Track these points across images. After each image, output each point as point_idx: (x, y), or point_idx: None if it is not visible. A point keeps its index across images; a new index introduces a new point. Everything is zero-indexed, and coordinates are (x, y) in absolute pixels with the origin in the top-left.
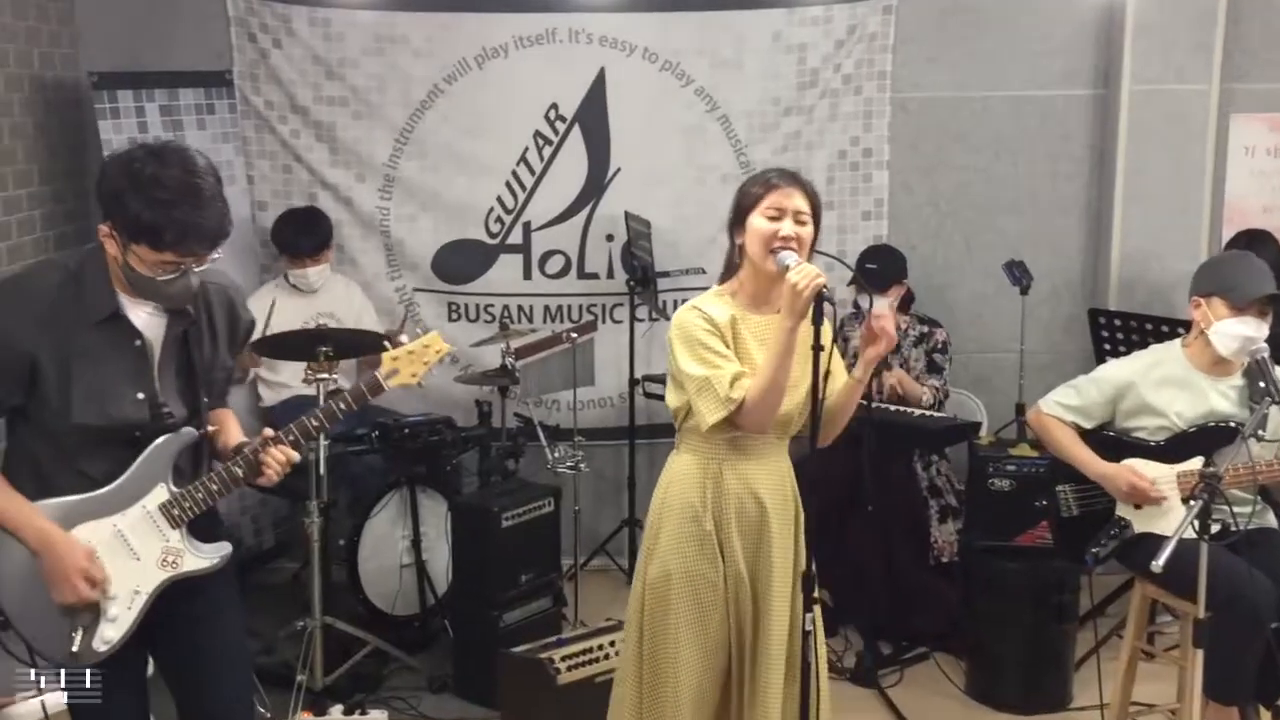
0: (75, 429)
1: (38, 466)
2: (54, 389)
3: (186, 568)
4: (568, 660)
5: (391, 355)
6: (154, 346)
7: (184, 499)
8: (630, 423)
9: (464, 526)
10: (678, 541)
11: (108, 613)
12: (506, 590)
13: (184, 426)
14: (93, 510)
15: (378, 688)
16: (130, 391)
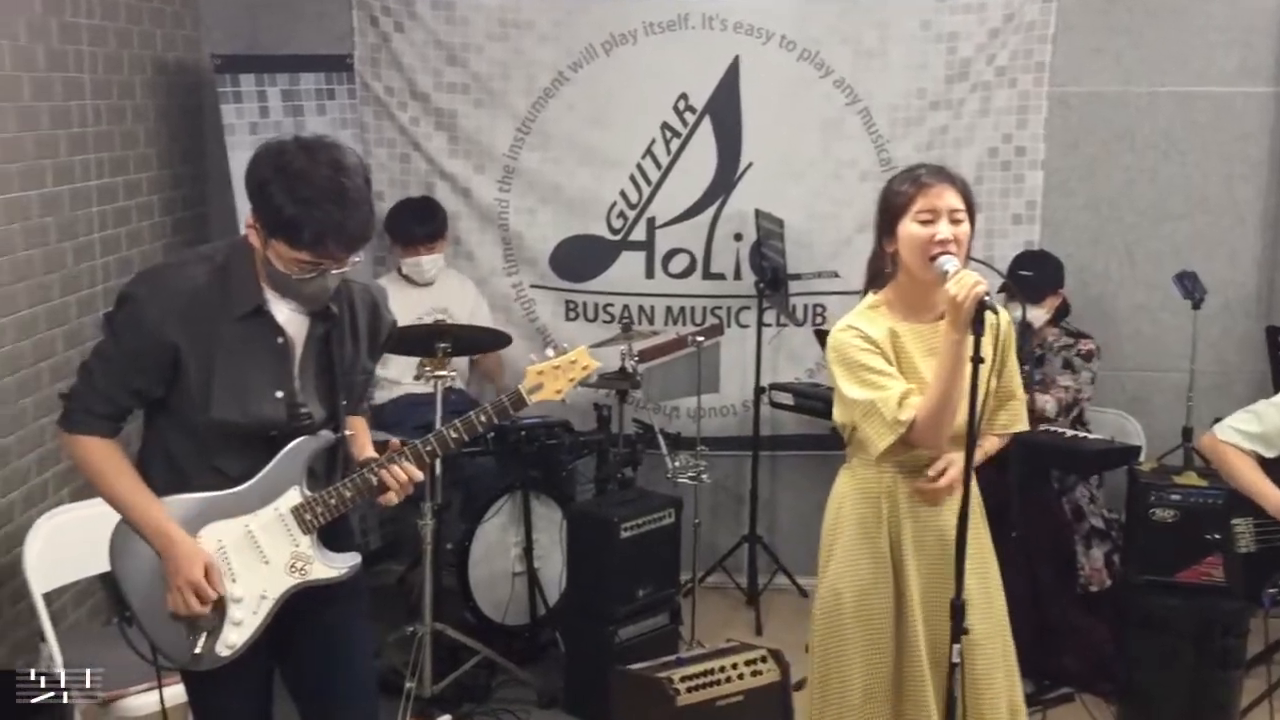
0: (213, 425)
1: (173, 460)
2: (195, 382)
3: (315, 575)
4: (688, 681)
5: (537, 369)
6: (295, 345)
7: (317, 504)
8: (754, 433)
9: (580, 536)
10: (851, 560)
11: (233, 616)
12: (623, 604)
13: (322, 429)
14: (225, 509)
15: (486, 699)
16: (270, 390)
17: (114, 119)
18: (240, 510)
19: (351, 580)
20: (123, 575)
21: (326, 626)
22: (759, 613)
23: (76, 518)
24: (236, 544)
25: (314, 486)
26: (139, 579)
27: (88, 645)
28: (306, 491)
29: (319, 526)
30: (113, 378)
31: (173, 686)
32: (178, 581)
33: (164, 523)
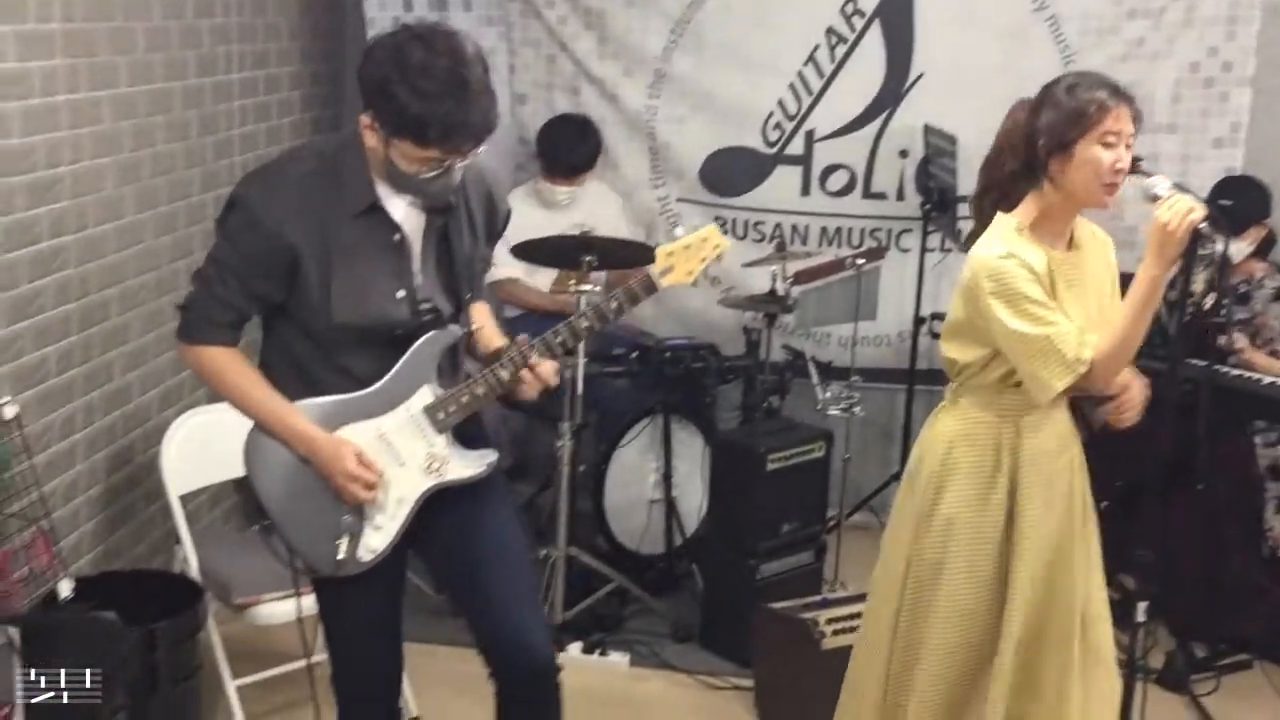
0: (335, 328)
1: (299, 365)
2: (314, 285)
3: (452, 475)
4: (834, 624)
5: (666, 251)
6: (413, 240)
7: (449, 402)
8: (910, 365)
9: (724, 465)
10: (961, 507)
11: (373, 520)
12: (766, 539)
13: (448, 324)
14: (355, 412)
15: (617, 628)
16: (390, 288)
17: (257, 10)
18: (371, 413)
19: (492, 477)
20: (259, 484)
21: (472, 515)
22: None
23: (212, 420)
24: (370, 448)
25: (444, 384)
26: (276, 487)
27: (221, 549)
28: (438, 389)
29: (452, 425)
30: (231, 284)
31: (310, 595)
32: (336, 479)
33: (302, 425)
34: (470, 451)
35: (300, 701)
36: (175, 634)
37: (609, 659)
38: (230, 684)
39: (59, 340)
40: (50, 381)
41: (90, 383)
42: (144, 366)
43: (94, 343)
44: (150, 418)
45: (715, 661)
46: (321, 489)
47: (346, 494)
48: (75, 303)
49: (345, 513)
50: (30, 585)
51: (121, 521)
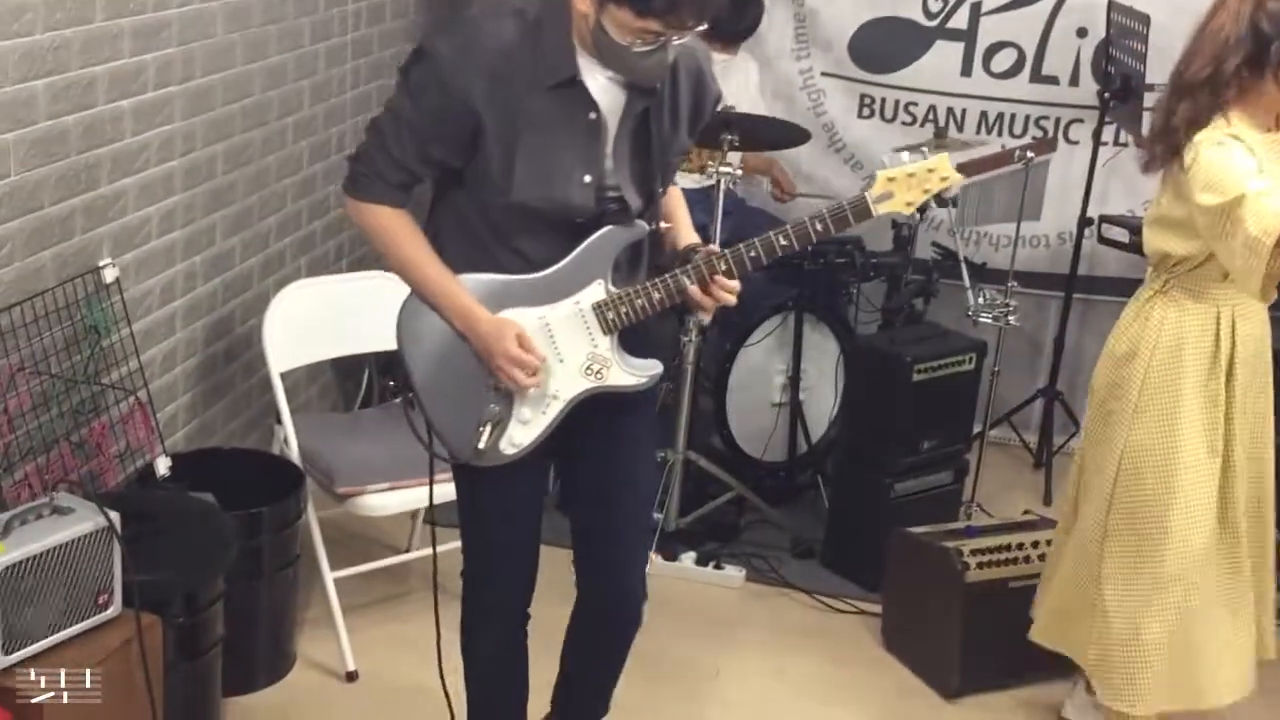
0: (512, 207)
1: (469, 237)
2: (496, 158)
3: (611, 381)
4: (978, 556)
5: (888, 175)
6: (609, 122)
7: (621, 302)
8: (1070, 272)
9: (863, 372)
10: (1188, 395)
11: (520, 413)
12: (904, 456)
13: (635, 218)
14: (521, 296)
15: (733, 539)
16: (578, 172)
17: None
18: (538, 300)
19: (648, 393)
20: (409, 355)
21: (615, 435)
22: (1048, 479)
23: (317, 294)
24: (531, 336)
25: (620, 282)
26: (426, 361)
27: (323, 432)
28: (611, 288)
29: (620, 328)
30: (408, 143)
31: (414, 489)
32: (495, 360)
33: (465, 299)
34: (635, 360)
35: (397, 596)
36: (276, 520)
37: (724, 573)
38: (329, 575)
39: (162, 199)
40: (151, 244)
41: (192, 247)
42: (247, 230)
43: (197, 203)
44: (251, 286)
45: (837, 582)
46: (473, 370)
47: (504, 376)
48: (180, 159)
49: (492, 400)
50: (126, 461)
51: (218, 395)
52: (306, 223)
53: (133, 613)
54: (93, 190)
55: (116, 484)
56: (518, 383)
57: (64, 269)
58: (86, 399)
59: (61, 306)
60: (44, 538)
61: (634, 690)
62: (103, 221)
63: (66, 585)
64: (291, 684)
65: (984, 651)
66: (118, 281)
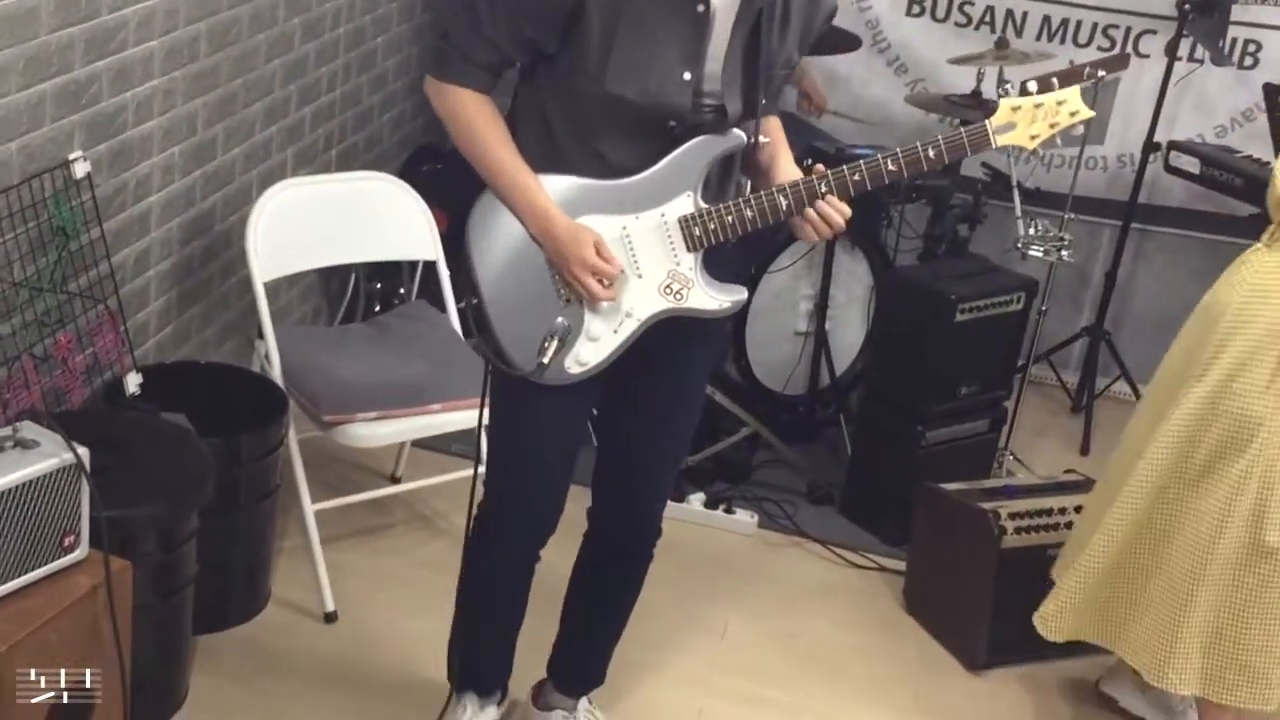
0: (605, 99)
1: (551, 132)
2: (593, 44)
3: (691, 303)
4: (1016, 520)
5: (1011, 104)
6: (718, 19)
7: (709, 219)
8: (1131, 199)
9: (900, 309)
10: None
11: (590, 331)
12: (940, 402)
13: (733, 128)
14: (602, 201)
15: (744, 479)
16: (678, 69)
17: None
18: (620, 208)
19: (723, 321)
20: (476, 255)
21: (679, 361)
22: (1088, 426)
23: (308, 195)
24: (610, 247)
25: (710, 197)
26: (495, 262)
27: (309, 352)
28: (701, 202)
29: (706, 247)
30: (501, 21)
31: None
32: (570, 267)
33: (542, 199)
34: (717, 283)
35: (379, 528)
36: (256, 448)
37: (735, 518)
38: (310, 508)
39: (140, 84)
40: (127, 133)
41: (170, 136)
42: (232, 117)
43: (177, 87)
44: (234, 179)
45: (857, 533)
46: (544, 277)
47: (577, 285)
48: (159, 39)
49: (562, 313)
50: (93, 375)
51: (193, 300)
52: (295, 109)
53: (100, 555)
54: (65, 74)
55: (82, 402)
56: (592, 293)
57: (30, 163)
58: (52, 308)
59: (27, 205)
60: (6, 474)
61: (635, 646)
62: (74, 109)
63: (29, 526)
64: (265, 622)
65: (1015, 622)
66: (89, 177)
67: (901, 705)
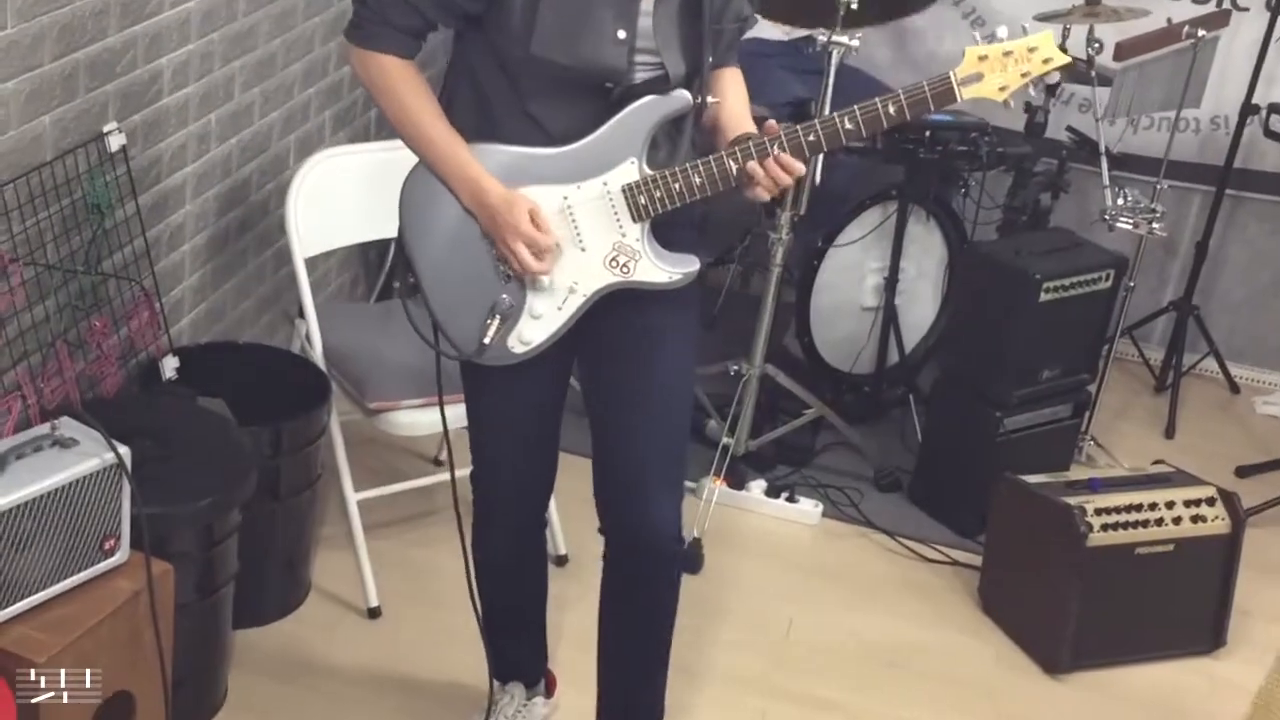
0: (531, 63)
1: (484, 101)
2: (518, 5)
3: (638, 276)
4: (1103, 516)
5: (977, 53)
6: None
7: (655, 186)
8: (1225, 165)
9: (979, 286)
10: None
11: (533, 308)
12: (1021, 387)
13: (676, 88)
14: (541, 171)
15: (807, 463)
16: (610, 27)
17: None
18: (559, 177)
19: (685, 291)
20: (410, 233)
21: (643, 328)
22: (1173, 406)
23: (351, 165)
24: (550, 220)
25: (655, 163)
26: (430, 240)
27: (351, 331)
28: (645, 168)
29: (654, 215)
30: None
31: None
32: (503, 236)
33: (474, 167)
34: (667, 253)
35: (421, 515)
36: (298, 437)
37: (798, 506)
38: (352, 498)
39: (177, 48)
40: (163, 101)
41: (207, 102)
42: (268, 80)
43: (214, 50)
44: (270, 145)
45: (928, 524)
46: (481, 252)
47: (513, 258)
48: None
49: (503, 290)
50: (128, 358)
51: (229, 273)
52: (335, 68)
53: (140, 556)
54: (99, 41)
55: (118, 388)
56: (526, 265)
57: (64, 137)
58: (86, 290)
59: (61, 183)
60: (45, 477)
61: (692, 644)
62: (109, 78)
63: (69, 530)
64: (305, 617)
65: (1100, 625)
66: (124, 150)
67: (977, 711)
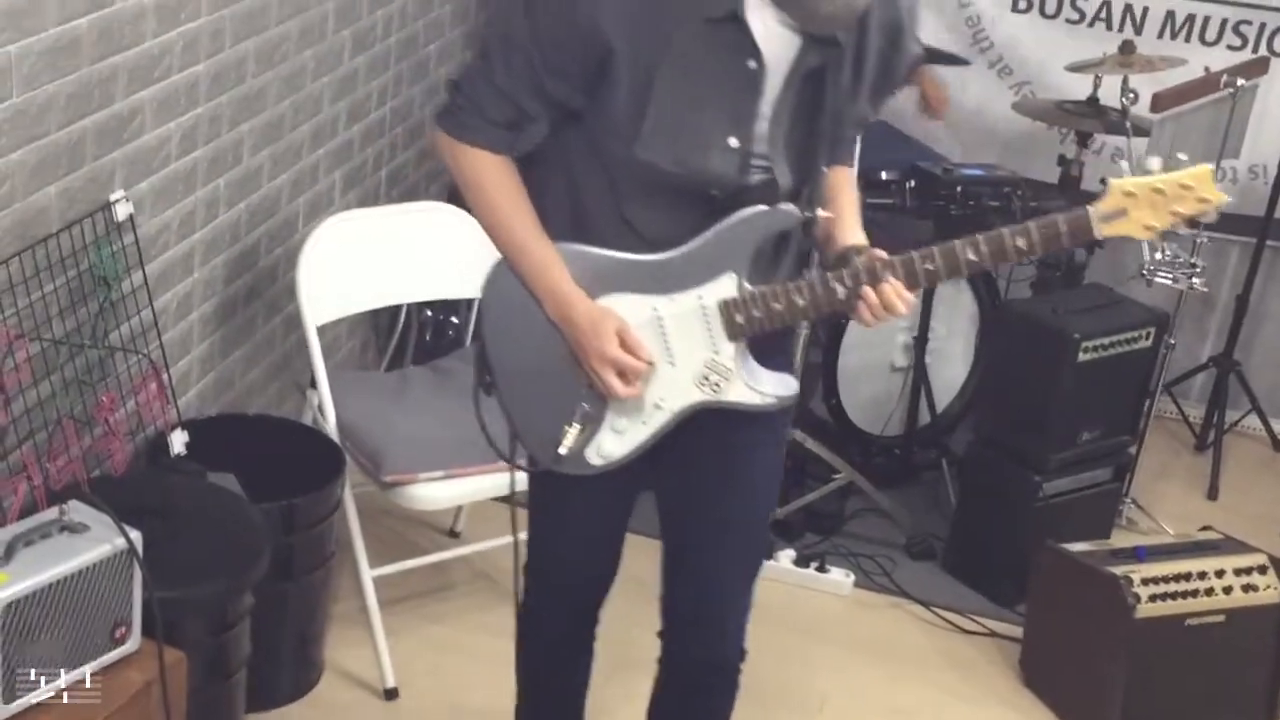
0: (634, 166)
1: (575, 198)
2: (624, 101)
3: (730, 397)
4: (1151, 585)
5: (1124, 187)
6: (772, 73)
7: (755, 304)
8: (1266, 216)
9: (1013, 346)
10: None
11: (615, 421)
12: (1059, 450)
13: (784, 201)
14: (633, 280)
15: (836, 530)
16: (721, 133)
17: None
18: (651, 287)
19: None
20: (489, 331)
21: (730, 444)
22: (1216, 466)
23: (362, 230)
24: (639, 332)
25: (756, 278)
26: (508, 341)
27: (363, 400)
28: (746, 285)
29: (751, 335)
30: (519, 73)
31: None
32: (589, 360)
33: (563, 283)
34: (763, 372)
35: (438, 590)
36: (312, 513)
37: (829, 576)
38: (368, 574)
39: (185, 112)
40: (171, 166)
41: (216, 167)
42: (278, 143)
43: (223, 113)
44: (280, 208)
45: (964, 594)
46: (564, 360)
47: (597, 380)
48: (205, 61)
49: (584, 398)
50: (136, 433)
51: (237, 341)
52: (344, 128)
53: (152, 644)
54: (106, 108)
55: (126, 465)
56: (612, 390)
57: (70, 207)
58: (94, 364)
59: (67, 255)
60: (55, 565)
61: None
62: (116, 145)
63: (80, 618)
64: (320, 699)
65: (1148, 700)
66: (131, 219)
67: None
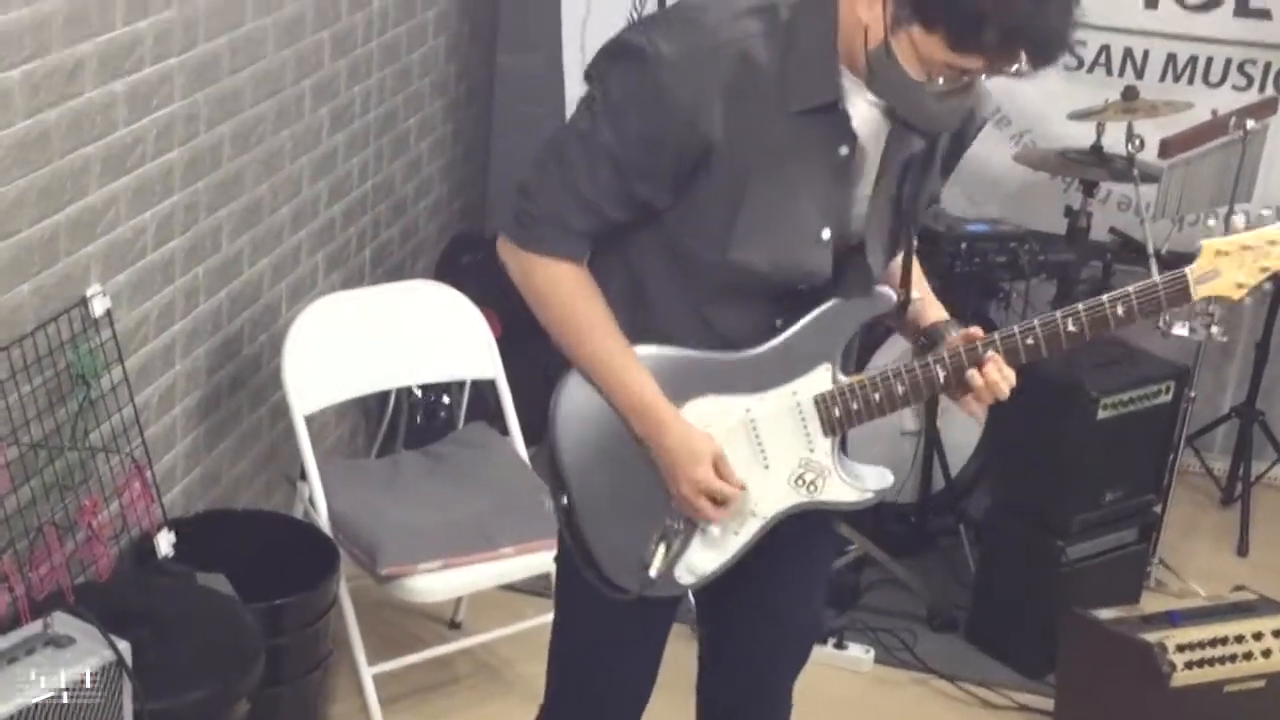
0: (724, 267)
1: (643, 297)
2: (717, 202)
3: (826, 496)
4: (1186, 652)
5: (1215, 247)
6: (867, 162)
7: (852, 396)
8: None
9: (1027, 405)
10: None
11: (705, 534)
12: (1081, 511)
13: (874, 285)
14: (720, 380)
15: (853, 604)
16: (815, 224)
17: None
18: (742, 386)
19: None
20: (564, 448)
21: (791, 534)
22: (1245, 520)
23: (347, 314)
24: (730, 435)
25: (848, 369)
26: (587, 459)
27: (352, 486)
28: (841, 376)
29: (847, 429)
30: (604, 178)
31: (472, 568)
32: (680, 487)
33: (656, 400)
34: (858, 466)
35: (440, 685)
36: (305, 613)
37: (848, 653)
38: (367, 673)
39: (160, 200)
40: (148, 258)
41: (194, 255)
42: (257, 227)
43: (200, 200)
44: (261, 294)
45: (989, 666)
46: (647, 479)
47: (688, 507)
48: (180, 148)
49: (669, 514)
50: (121, 536)
51: (222, 434)
52: (325, 207)
53: None
54: (79, 200)
55: (110, 569)
56: (705, 516)
57: (45, 305)
58: (75, 467)
59: (44, 354)
60: (41, 682)
61: None
62: (90, 238)
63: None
64: None
65: None
66: (108, 313)
67: None
